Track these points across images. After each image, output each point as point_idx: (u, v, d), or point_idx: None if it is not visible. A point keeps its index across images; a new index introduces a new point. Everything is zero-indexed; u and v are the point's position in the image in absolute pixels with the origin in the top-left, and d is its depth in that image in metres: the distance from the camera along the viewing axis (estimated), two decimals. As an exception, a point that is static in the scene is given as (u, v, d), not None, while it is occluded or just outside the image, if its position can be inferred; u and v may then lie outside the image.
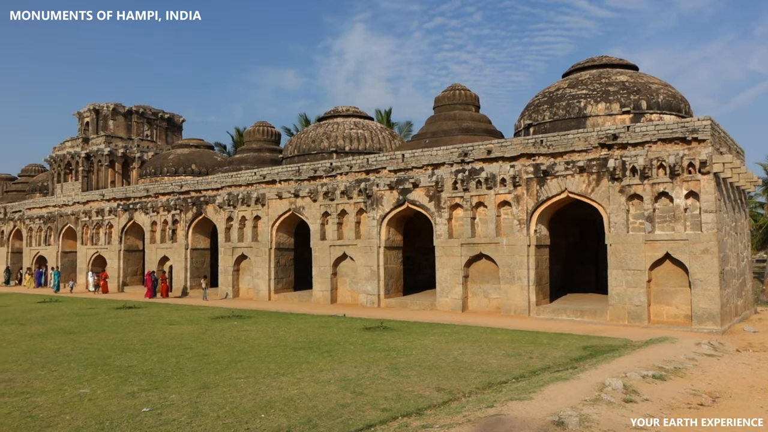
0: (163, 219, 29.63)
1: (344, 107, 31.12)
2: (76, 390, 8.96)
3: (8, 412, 7.78)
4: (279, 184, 24.87)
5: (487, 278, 19.70)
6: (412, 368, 10.35)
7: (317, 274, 23.51)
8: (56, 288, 32.52)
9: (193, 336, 14.65)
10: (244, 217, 25.98)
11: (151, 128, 43.75)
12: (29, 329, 16.37)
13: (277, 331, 15.43)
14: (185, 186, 28.74)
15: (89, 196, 34.61)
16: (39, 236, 38.42)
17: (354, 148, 27.69)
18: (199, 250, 28.91)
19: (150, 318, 18.81)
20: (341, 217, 22.96)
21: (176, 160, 36.36)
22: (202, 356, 11.77)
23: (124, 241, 32.03)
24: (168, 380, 9.59)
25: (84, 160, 40.19)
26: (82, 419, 7.41)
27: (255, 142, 32.50)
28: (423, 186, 20.72)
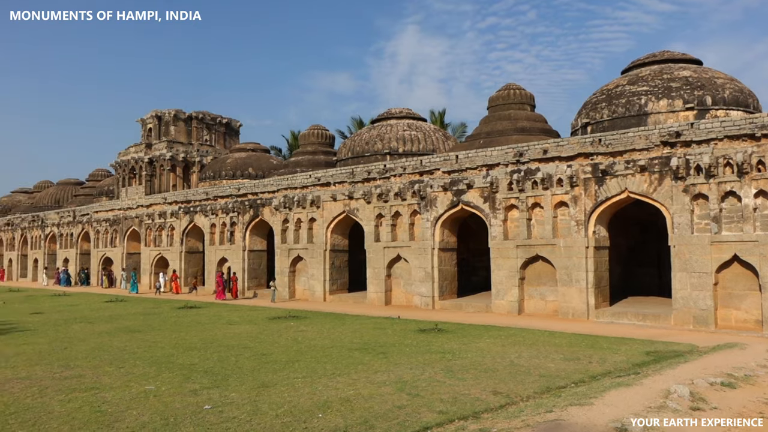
0: (221, 221, 30.41)
1: (397, 109, 31.18)
2: (142, 387, 9.29)
3: (79, 406, 8.14)
4: (333, 186, 25.13)
5: (544, 280, 19.33)
6: (467, 371, 10.25)
7: (371, 276, 23.62)
8: (134, 288, 32.92)
9: (252, 336, 14.96)
10: (300, 219, 26.38)
11: (210, 133, 45.04)
12: (97, 327, 17.10)
13: (333, 331, 15.58)
14: (242, 189, 29.42)
15: (152, 199, 35.88)
16: (105, 238, 40.08)
17: (407, 149, 27.70)
18: (256, 251, 29.53)
19: (210, 318, 19.33)
20: (395, 219, 23.01)
21: (234, 163, 37.28)
22: (261, 356, 12.00)
23: (185, 242, 33.05)
24: (228, 378, 9.82)
25: (147, 164, 41.73)
26: (148, 415, 7.68)
27: (309, 145, 32.98)
28: (477, 187, 20.53)
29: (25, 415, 7.68)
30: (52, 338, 14.98)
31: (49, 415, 7.69)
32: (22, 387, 9.34)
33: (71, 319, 19.47)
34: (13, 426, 7.22)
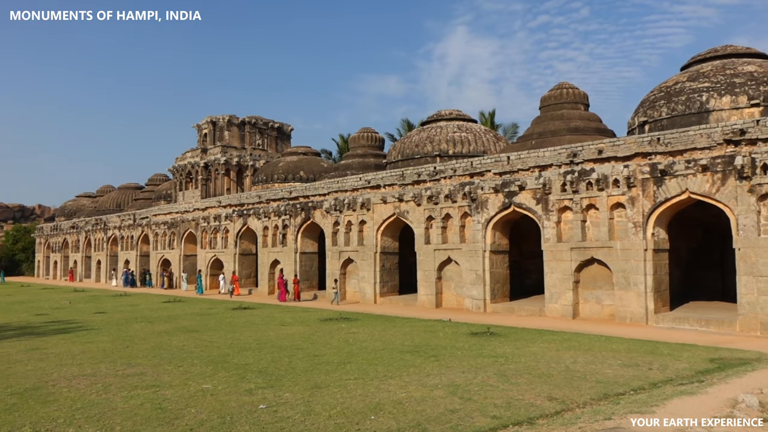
0: (274, 224, 30.94)
1: (447, 111, 31.03)
2: (200, 385, 9.53)
3: (141, 403, 8.41)
4: (383, 188, 25.20)
5: (600, 284, 18.84)
6: (521, 375, 10.08)
7: (422, 278, 23.56)
8: (200, 290, 33.42)
9: (304, 337, 15.14)
10: (350, 222, 26.56)
11: (262, 137, 45.92)
12: (157, 327, 17.65)
13: (384, 334, 15.61)
14: (294, 192, 29.85)
15: (207, 202, 36.83)
16: (164, 240, 41.39)
17: (458, 151, 27.51)
18: (307, 253, 29.91)
19: (263, 319, 19.67)
20: (445, 221, 22.88)
21: (285, 167, 37.88)
22: (313, 357, 12.13)
23: (239, 245, 33.77)
24: (282, 379, 9.96)
25: (203, 169, 42.88)
26: (206, 413, 7.86)
27: (360, 148, 33.18)
28: (530, 188, 20.20)
29: (91, 411, 7.99)
30: (114, 337, 15.55)
31: (113, 411, 7.97)
32: (87, 383, 9.73)
33: (132, 318, 20.17)
34: (79, 421, 7.52)
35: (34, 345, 14.13)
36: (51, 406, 8.26)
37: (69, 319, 20.13)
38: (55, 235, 59.00)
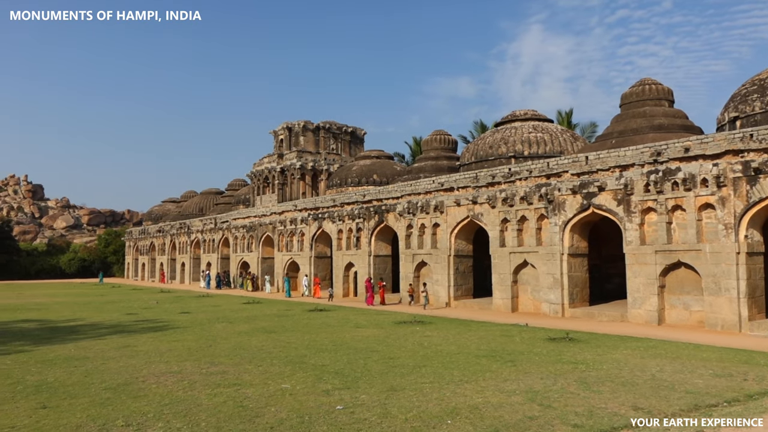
0: (348, 227, 31.34)
1: (522, 111, 30.45)
2: (279, 385, 9.76)
3: (223, 401, 8.69)
4: (457, 191, 25.01)
5: (687, 289, 17.90)
6: (603, 383, 9.71)
7: (497, 282, 23.19)
8: (288, 293, 33.59)
9: (379, 339, 15.22)
10: (423, 225, 26.51)
11: (336, 142, 46.67)
12: (237, 327, 18.24)
13: (459, 338, 15.46)
14: (367, 195, 30.13)
15: (284, 206, 37.78)
16: (243, 243, 42.80)
17: (533, 152, 26.92)
18: (381, 256, 30.10)
19: (339, 321, 19.94)
20: (521, 224, 22.43)
21: (359, 171, 38.30)
22: (388, 359, 12.16)
23: (314, 248, 34.44)
24: (358, 381, 10.04)
25: (279, 174, 44.05)
26: (285, 412, 8.04)
27: (432, 150, 33.08)
28: (610, 189, 19.48)
29: (178, 407, 8.34)
30: (198, 336, 16.20)
31: (198, 408, 8.29)
32: (174, 380, 10.17)
33: (214, 319, 20.95)
34: (167, 416, 7.87)
35: (125, 343, 14.93)
36: (141, 401, 8.69)
37: (156, 319, 21.15)
38: (142, 238, 62.27)
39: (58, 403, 8.65)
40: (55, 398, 8.93)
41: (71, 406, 8.46)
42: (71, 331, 17.69)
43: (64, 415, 7.98)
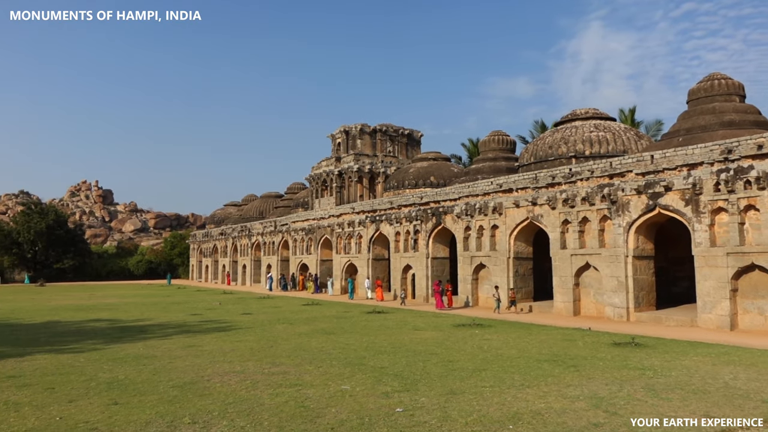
0: (405, 229, 31.36)
1: (582, 110, 29.70)
2: (339, 386, 9.84)
3: (285, 401, 8.84)
4: (516, 192, 24.62)
5: (762, 293, 17.00)
6: (672, 390, 9.33)
7: (558, 285, 22.68)
8: (351, 295, 33.39)
9: (437, 342, 15.14)
10: (482, 227, 26.23)
11: (393, 144, 46.79)
12: (297, 329, 18.53)
13: (519, 341, 15.20)
14: (425, 197, 30.05)
15: (342, 209, 38.17)
16: (302, 246, 43.50)
17: (595, 151, 26.20)
18: (439, 259, 29.96)
19: (397, 323, 19.96)
20: (582, 225, 21.87)
21: (416, 173, 38.26)
22: (447, 362, 12.08)
23: (371, 250, 34.62)
24: (417, 383, 10.01)
25: (337, 177, 44.52)
26: (345, 413, 8.09)
27: (490, 151, 32.71)
28: (677, 189, 18.73)
29: (241, 406, 8.54)
30: (259, 337, 16.55)
31: (261, 407, 8.45)
32: (237, 380, 10.41)
33: (275, 320, 21.36)
34: (231, 414, 8.06)
35: (190, 342, 15.41)
36: (206, 400, 8.93)
37: (220, 320, 21.74)
38: (206, 241, 64.20)
39: (129, 399, 9.00)
40: (126, 395, 9.30)
41: (141, 402, 8.79)
42: (140, 331, 18.40)
43: (134, 411, 8.29)
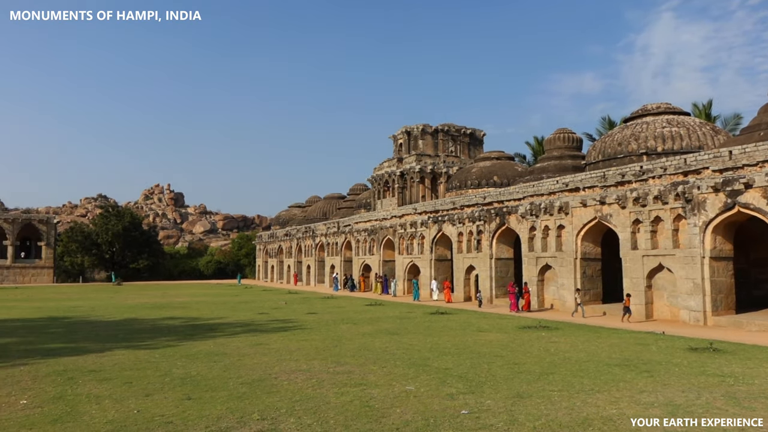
0: (468, 230, 31.05)
1: (654, 104, 28.57)
2: (403, 386, 9.82)
3: (350, 400, 8.90)
4: (583, 191, 23.94)
5: None
6: (756, 399, 8.81)
7: (628, 287, 21.87)
8: (416, 296, 32.76)
9: (502, 344, 14.90)
10: (547, 227, 25.64)
11: (455, 144, 46.47)
12: (361, 329, 18.66)
13: (588, 344, 14.75)
14: (488, 197, 29.67)
15: (404, 210, 38.20)
16: (364, 247, 43.81)
17: (667, 148, 25.15)
18: (502, 259, 29.50)
19: (460, 324, 19.78)
20: (655, 225, 21.02)
21: (479, 173, 37.85)
22: (513, 365, 11.86)
23: (434, 250, 34.47)
24: (482, 385, 9.87)
25: (399, 177, 44.60)
26: (410, 414, 8.06)
27: (555, 149, 31.96)
28: (759, 186, 17.71)
29: (308, 404, 8.65)
30: (324, 336, 16.76)
31: (327, 405, 8.54)
32: (303, 378, 10.57)
33: (339, 320, 21.59)
34: (299, 412, 8.18)
35: (258, 341, 15.78)
36: (274, 397, 9.11)
37: (286, 319, 22.17)
38: (271, 242, 65.70)
39: (201, 395, 9.29)
40: (198, 390, 9.60)
41: (212, 398, 9.05)
42: (210, 329, 19.00)
43: (207, 406, 8.55)
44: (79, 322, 21.81)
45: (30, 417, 8.03)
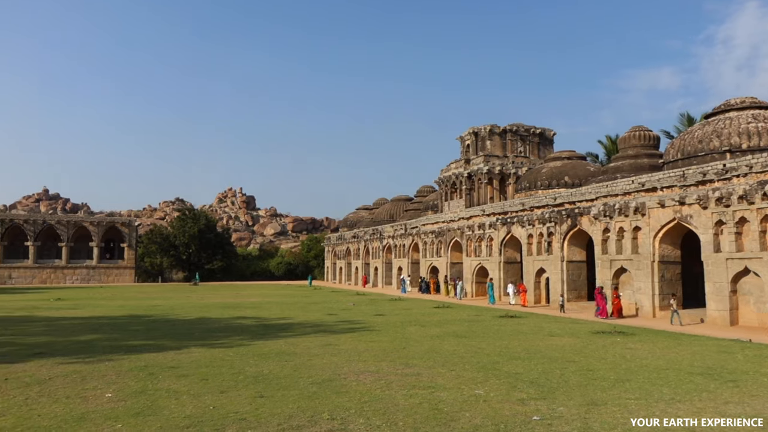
0: (538, 231, 30.38)
1: (738, 99, 27.05)
2: (472, 390, 9.70)
3: (419, 402, 8.86)
4: (660, 191, 22.94)
5: None
6: None
7: (711, 291, 20.77)
8: (492, 299, 31.83)
9: (575, 349, 14.47)
10: (622, 228, 24.73)
11: (523, 144, 45.65)
12: (428, 331, 18.58)
13: (667, 351, 14.10)
14: (559, 198, 28.93)
15: (471, 212, 37.81)
16: (432, 249, 43.65)
17: (753, 145, 23.74)
18: (574, 262, 28.68)
19: (531, 328, 19.36)
20: (740, 226, 19.87)
21: (549, 173, 36.98)
22: (587, 371, 11.48)
23: (503, 253, 33.93)
24: (554, 391, 9.61)
25: (466, 179, 44.22)
26: (479, 418, 7.94)
27: (630, 148, 30.81)
28: None
29: (377, 405, 8.68)
30: (392, 338, 16.79)
31: (395, 407, 8.54)
32: (372, 379, 10.62)
33: (407, 322, 21.58)
34: (368, 413, 8.22)
35: (327, 341, 15.99)
36: (343, 397, 9.19)
37: (354, 320, 22.37)
38: (339, 244, 66.57)
39: (273, 393, 9.50)
40: (270, 389, 9.82)
41: (284, 397, 9.24)
42: (281, 329, 19.42)
43: (278, 404, 8.73)
44: (158, 320, 22.81)
45: (115, 410, 8.45)
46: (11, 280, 64.18)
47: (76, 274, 66.65)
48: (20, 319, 22.78)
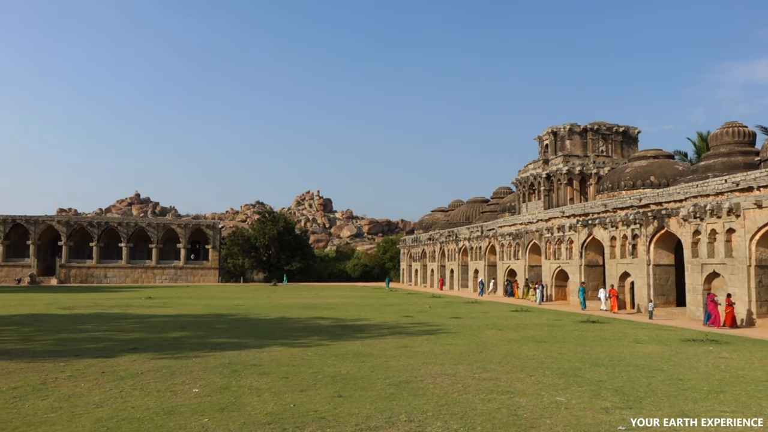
0: (622, 234, 29.20)
1: None
2: (553, 397, 9.42)
3: (497, 407, 8.69)
4: (757, 191, 21.51)
5: None
6: None
7: (815, 298, 19.25)
8: (583, 305, 30.19)
9: (663, 358, 13.78)
10: (714, 230, 23.35)
11: (605, 143, 44.05)
12: (506, 335, 18.24)
13: (766, 362, 13.17)
14: (644, 199, 27.70)
15: (550, 213, 36.84)
16: (509, 251, 42.86)
17: None
18: (662, 266, 27.35)
19: (614, 334, 18.62)
20: None
21: (633, 173, 35.51)
22: (676, 380, 10.91)
23: (584, 256, 32.84)
24: (641, 401, 9.18)
25: (544, 180, 43.16)
26: (560, 426, 7.70)
27: (723, 146, 29.08)
28: None
29: (454, 408, 8.59)
30: (469, 341, 16.60)
31: (473, 412, 8.42)
32: (449, 382, 10.53)
33: (483, 325, 21.28)
34: (445, 416, 8.15)
35: (404, 343, 16.01)
36: (420, 399, 9.16)
37: (430, 322, 22.30)
38: (414, 246, 66.58)
39: (351, 393, 9.60)
40: (348, 389, 9.93)
41: (361, 397, 9.32)
42: (358, 330, 19.63)
43: (356, 404, 8.81)
44: (241, 319, 23.62)
45: (201, 404, 8.80)
46: (107, 279, 68.41)
47: (164, 274, 70.14)
48: (115, 316, 24.22)
